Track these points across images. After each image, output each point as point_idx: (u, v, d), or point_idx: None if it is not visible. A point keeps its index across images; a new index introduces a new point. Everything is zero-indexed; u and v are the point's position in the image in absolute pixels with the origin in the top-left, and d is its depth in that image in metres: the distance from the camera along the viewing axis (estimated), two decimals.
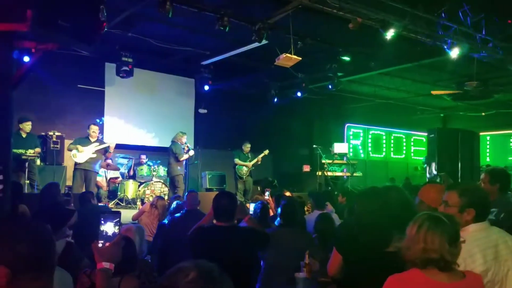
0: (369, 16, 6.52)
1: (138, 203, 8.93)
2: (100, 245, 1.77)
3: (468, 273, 1.81)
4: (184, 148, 9.07)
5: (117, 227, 1.81)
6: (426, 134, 11.18)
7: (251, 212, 4.90)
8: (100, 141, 8.25)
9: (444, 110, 15.43)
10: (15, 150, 6.92)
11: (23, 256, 1.45)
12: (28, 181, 7.65)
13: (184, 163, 9.24)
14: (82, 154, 7.81)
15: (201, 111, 11.53)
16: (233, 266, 2.74)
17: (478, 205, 2.19)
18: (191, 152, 9.24)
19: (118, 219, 1.84)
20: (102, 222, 1.80)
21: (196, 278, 1.10)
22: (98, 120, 9.36)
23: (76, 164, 7.87)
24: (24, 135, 7.75)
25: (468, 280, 1.77)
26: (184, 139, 9.22)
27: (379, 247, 2.45)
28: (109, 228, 1.80)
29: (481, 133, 11.01)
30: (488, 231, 2.19)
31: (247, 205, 6.30)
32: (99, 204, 7.50)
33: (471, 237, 2.05)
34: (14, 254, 1.45)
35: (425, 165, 9.63)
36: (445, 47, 7.35)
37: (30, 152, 7.62)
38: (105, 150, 8.25)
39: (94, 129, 8.13)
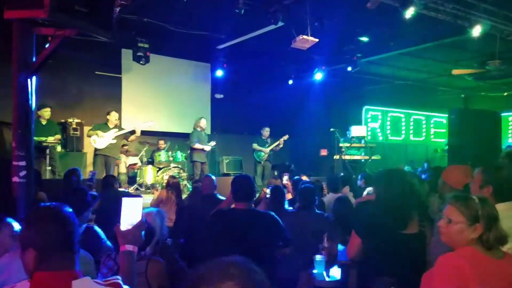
0: None
1: (159, 188, 9.04)
2: (122, 228, 1.79)
3: (505, 252, 1.86)
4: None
5: (139, 211, 1.82)
6: (446, 115, 10.97)
7: (267, 196, 4.92)
8: (119, 127, 8.32)
9: (465, 91, 15.06)
10: (36, 137, 7.06)
11: (49, 238, 1.49)
12: (49, 168, 7.82)
13: (204, 151, 9.25)
14: (102, 140, 7.89)
15: (218, 96, 11.52)
16: (252, 248, 2.77)
17: (496, 182, 2.22)
18: (206, 148, 9.22)
19: (140, 202, 1.84)
20: (124, 205, 1.81)
21: None
22: None
23: (96, 150, 7.99)
24: (44, 122, 7.88)
25: (508, 257, 1.83)
26: (201, 123, 9.26)
27: (399, 229, 2.43)
28: (131, 211, 1.81)
29: (503, 114, 10.75)
30: None
31: (264, 189, 6.31)
32: (119, 189, 7.60)
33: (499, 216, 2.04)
34: (41, 236, 1.49)
35: (446, 147, 9.49)
36: (467, 25, 7.13)
37: (50, 139, 7.77)
38: (130, 133, 8.22)
39: (115, 116, 8.20)
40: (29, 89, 3.34)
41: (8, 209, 3.15)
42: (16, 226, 2.42)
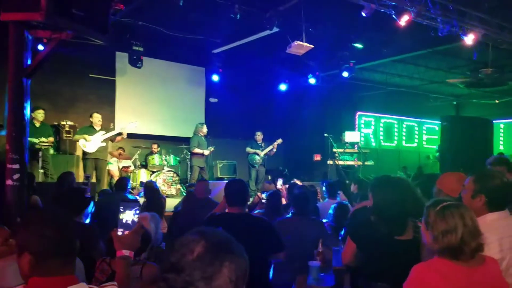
0: (383, 2, 6.41)
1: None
2: (119, 233, 1.79)
3: (486, 258, 1.83)
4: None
5: (136, 216, 1.82)
6: (438, 122, 11.06)
7: (263, 201, 4.92)
8: (107, 129, 8.18)
9: (457, 98, 15.21)
10: (29, 140, 6.98)
11: (45, 242, 1.48)
12: (42, 170, 7.74)
13: (203, 156, 9.28)
14: (90, 144, 7.79)
15: (212, 100, 11.53)
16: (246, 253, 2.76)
17: (489, 192, 2.20)
18: (206, 152, 9.25)
19: (137, 207, 1.85)
20: (122, 210, 1.81)
21: (203, 253, 0.99)
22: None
23: (86, 153, 7.85)
24: (37, 124, 7.81)
25: (487, 264, 1.80)
26: (203, 129, 9.30)
27: (394, 236, 2.44)
28: (128, 216, 1.81)
29: (494, 121, 10.85)
30: (509, 220, 2.17)
31: (259, 193, 6.31)
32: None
33: (490, 226, 2.03)
34: (37, 240, 1.48)
35: (438, 154, 9.55)
36: (460, 33, 7.21)
37: (42, 139, 7.68)
38: (117, 135, 8.14)
39: (98, 117, 8.04)
40: (24, 92, 3.32)
41: (1, 212, 3.13)
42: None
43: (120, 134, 8.01)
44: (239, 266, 1.02)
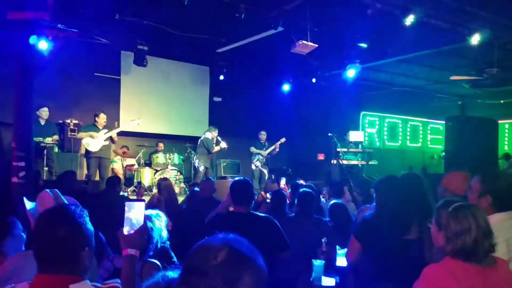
0: (389, 2, 6.39)
1: (154, 190, 9.02)
2: (125, 232, 1.79)
3: (497, 259, 1.83)
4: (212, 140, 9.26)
5: (141, 215, 1.82)
6: (443, 122, 11.02)
7: (267, 201, 4.91)
8: (108, 127, 8.22)
9: (462, 98, 15.13)
10: (34, 138, 7.02)
11: (52, 241, 1.48)
12: (46, 168, 7.79)
13: (210, 156, 9.32)
14: (95, 143, 7.82)
15: (216, 99, 11.53)
16: None
17: (495, 192, 2.20)
18: (223, 144, 9.28)
19: (142, 206, 1.84)
20: (127, 209, 1.81)
21: (227, 259, 1.00)
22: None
23: (90, 152, 7.89)
24: (42, 123, 7.86)
25: (498, 265, 1.80)
26: (213, 134, 9.29)
27: (399, 235, 2.44)
28: (133, 215, 1.81)
29: (499, 121, 10.79)
30: None
31: (262, 193, 6.31)
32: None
33: (497, 226, 2.03)
34: (44, 239, 1.49)
35: (443, 154, 9.51)
36: (466, 33, 7.18)
37: (48, 139, 7.73)
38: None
39: (104, 118, 8.10)
40: (29, 91, 3.34)
41: (7, 209, 3.15)
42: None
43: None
44: (261, 277, 1.03)
